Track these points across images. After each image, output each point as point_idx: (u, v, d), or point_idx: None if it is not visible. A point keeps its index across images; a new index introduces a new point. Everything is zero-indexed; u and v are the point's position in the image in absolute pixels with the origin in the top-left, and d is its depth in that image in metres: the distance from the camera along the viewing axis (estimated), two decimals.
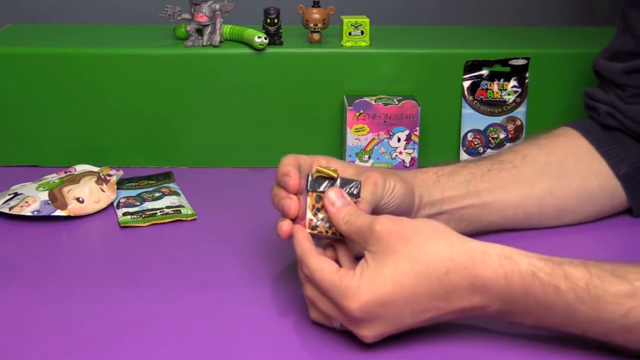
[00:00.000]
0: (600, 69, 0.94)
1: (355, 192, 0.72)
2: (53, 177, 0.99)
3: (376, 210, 0.75)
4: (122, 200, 0.96)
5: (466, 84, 1.09)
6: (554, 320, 0.64)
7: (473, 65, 1.09)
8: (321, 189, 0.71)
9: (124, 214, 0.93)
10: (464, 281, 0.63)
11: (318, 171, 0.72)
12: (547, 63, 1.11)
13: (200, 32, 1.11)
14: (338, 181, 0.72)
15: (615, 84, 0.91)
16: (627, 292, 0.62)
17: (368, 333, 0.65)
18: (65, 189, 0.95)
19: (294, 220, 0.73)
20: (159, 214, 0.93)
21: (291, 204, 0.72)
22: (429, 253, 0.64)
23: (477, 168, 0.87)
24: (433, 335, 0.68)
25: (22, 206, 0.93)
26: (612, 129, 0.91)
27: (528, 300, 0.63)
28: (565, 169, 0.89)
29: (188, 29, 1.10)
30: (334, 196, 0.70)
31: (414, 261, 0.63)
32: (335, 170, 0.72)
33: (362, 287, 0.63)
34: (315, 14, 1.12)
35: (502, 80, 1.08)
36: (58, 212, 0.93)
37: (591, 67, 0.96)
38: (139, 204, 0.95)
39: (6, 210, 0.93)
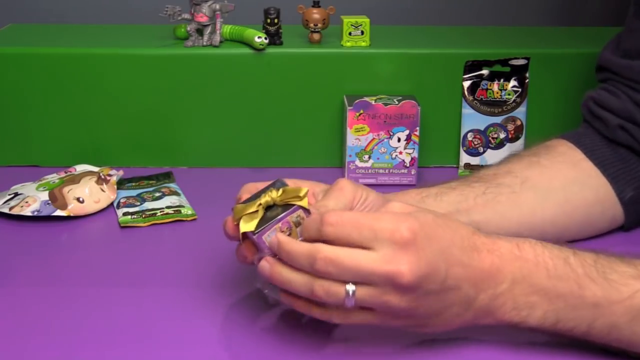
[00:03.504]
0: (612, 66, 0.87)
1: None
2: (53, 177, 0.99)
3: None
4: (122, 200, 0.96)
5: (466, 84, 1.09)
6: (563, 305, 0.63)
7: (473, 65, 1.09)
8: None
9: (124, 214, 0.93)
10: (485, 247, 0.64)
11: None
12: (547, 63, 1.11)
13: (200, 32, 1.11)
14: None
15: (636, 81, 0.84)
16: (633, 274, 0.63)
17: (411, 259, 0.59)
18: (66, 189, 0.95)
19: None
20: (159, 214, 0.93)
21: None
22: (455, 222, 0.65)
23: (469, 189, 0.81)
24: (434, 339, 0.68)
25: (22, 206, 0.93)
26: (618, 145, 0.85)
27: (538, 272, 0.63)
28: (569, 196, 0.83)
29: (188, 29, 1.10)
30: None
31: (444, 222, 0.64)
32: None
33: (408, 216, 0.62)
34: (315, 14, 1.12)
35: (502, 80, 1.08)
36: (58, 212, 0.93)
37: (592, 67, 0.94)
38: (139, 204, 0.95)
39: (6, 210, 0.93)
